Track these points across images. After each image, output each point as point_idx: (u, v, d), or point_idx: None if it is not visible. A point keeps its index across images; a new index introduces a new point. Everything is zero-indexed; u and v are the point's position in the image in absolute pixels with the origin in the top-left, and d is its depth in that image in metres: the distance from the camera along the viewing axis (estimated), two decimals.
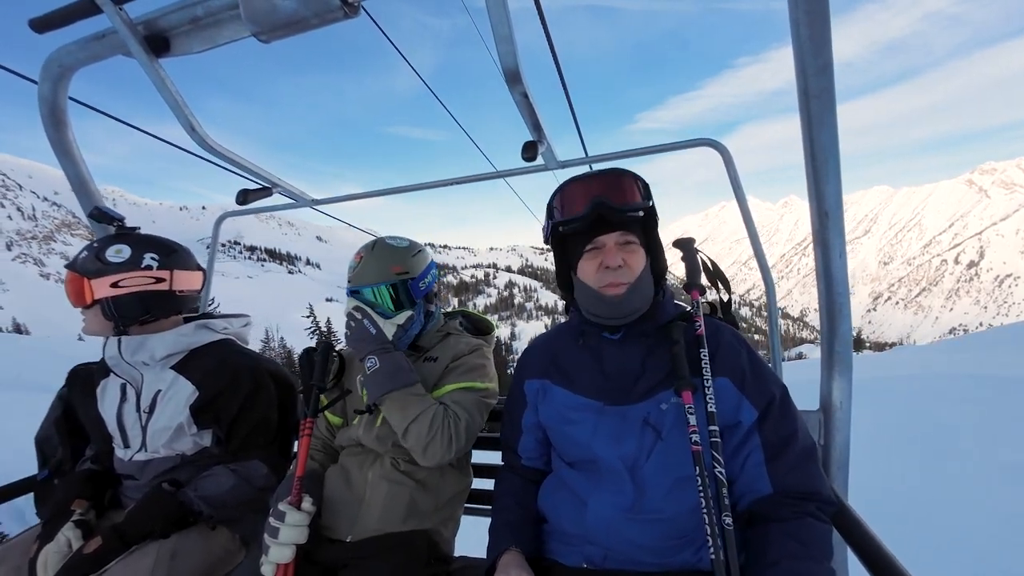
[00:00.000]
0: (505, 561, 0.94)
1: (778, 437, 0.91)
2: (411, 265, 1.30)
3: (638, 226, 1.01)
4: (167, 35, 1.08)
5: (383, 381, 1.16)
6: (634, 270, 0.98)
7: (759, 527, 0.88)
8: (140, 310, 1.30)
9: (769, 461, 0.91)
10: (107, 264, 1.26)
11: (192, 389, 1.31)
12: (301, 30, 1.00)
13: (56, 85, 1.27)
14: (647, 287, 1.00)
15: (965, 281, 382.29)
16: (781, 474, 0.89)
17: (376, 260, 1.29)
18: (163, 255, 1.33)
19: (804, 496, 0.88)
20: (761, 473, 0.90)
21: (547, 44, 1.83)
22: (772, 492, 0.89)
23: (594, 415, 1.00)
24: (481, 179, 1.54)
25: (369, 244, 1.34)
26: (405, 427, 1.14)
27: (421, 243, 1.41)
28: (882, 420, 4.53)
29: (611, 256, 0.97)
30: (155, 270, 1.31)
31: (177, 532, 1.23)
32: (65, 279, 1.31)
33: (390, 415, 1.18)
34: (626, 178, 1.00)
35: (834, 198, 0.97)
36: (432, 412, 1.15)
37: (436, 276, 1.40)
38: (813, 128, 0.91)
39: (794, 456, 0.90)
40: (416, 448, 1.14)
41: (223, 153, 1.32)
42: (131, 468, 1.32)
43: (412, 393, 1.17)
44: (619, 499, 0.93)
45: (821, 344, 1.13)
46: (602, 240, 0.99)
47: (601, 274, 0.99)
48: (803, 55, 0.85)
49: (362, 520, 1.18)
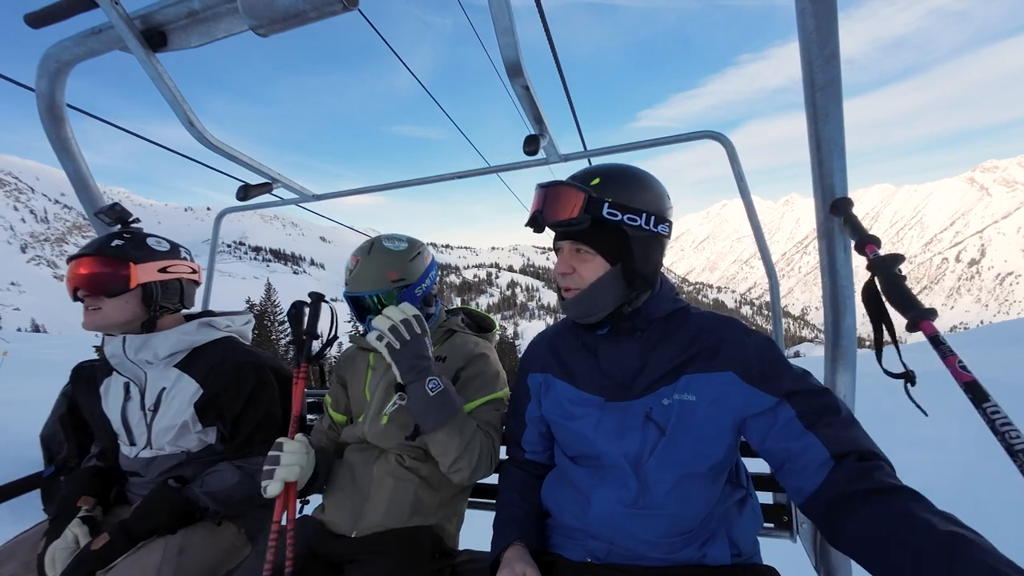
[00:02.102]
0: (509, 555, 0.94)
1: (812, 408, 0.85)
2: (409, 271, 1.25)
3: (597, 236, 0.96)
4: (164, 29, 1.06)
5: (441, 408, 1.07)
6: (584, 278, 0.98)
7: (842, 505, 0.76)
8: (176, 298, 1.37)
9: (810, 428, 0.83)
10: (154, 251, 1.32)
11: (196, 387, 1.31)
12: (299, 23, 0.99)
13: (53, 81, 1.26)
14: (603, 293, 0.97)
15: (966, 279, 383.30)
16: (831, 436, 0.82)
17: (372, 265, 1.23)
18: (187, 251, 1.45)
19: (860, 454, 0.79)
20: (810, 440, 0.82)
21: (546, 38, 1.81)
22: (830, 455, 0.80)
23: (596, 410, 1.00)
24: (478, 174, 1.53)
25: (366, 246, 1.28)
26: (457, 456, 1.08)
27: (421, 241, 1.34)
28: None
29: (561, 263, 1.01)
30: (190, 261, 1.43)
31: (183, 528, 1.24)
32: (82, 264, 1.25)
33: (441, 444, 1.08)
34: (563, 192, 0.95)
35: (840, 191, 0.95)
36: (480, 438, 1.13)
37: (436, 275, 1.35)
38: (819, 120, 0.90)
39: (838, 422, 0.83)
40: (463, 473, 1.10)
41: (222, 149, 1.31)
42: (136, 465, 1.33)
43: (463, 420, 1.11)
44: (622, 494, 0.93)
45: (825, 338, 1.12)
46: (560, 244, 1.02)
47: (558, 277, 1.02)
48: (809, 45, 0.84)
49: (367, 515, 1.18)
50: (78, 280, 1.23)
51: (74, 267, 1.25)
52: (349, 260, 1.29)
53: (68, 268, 1.27)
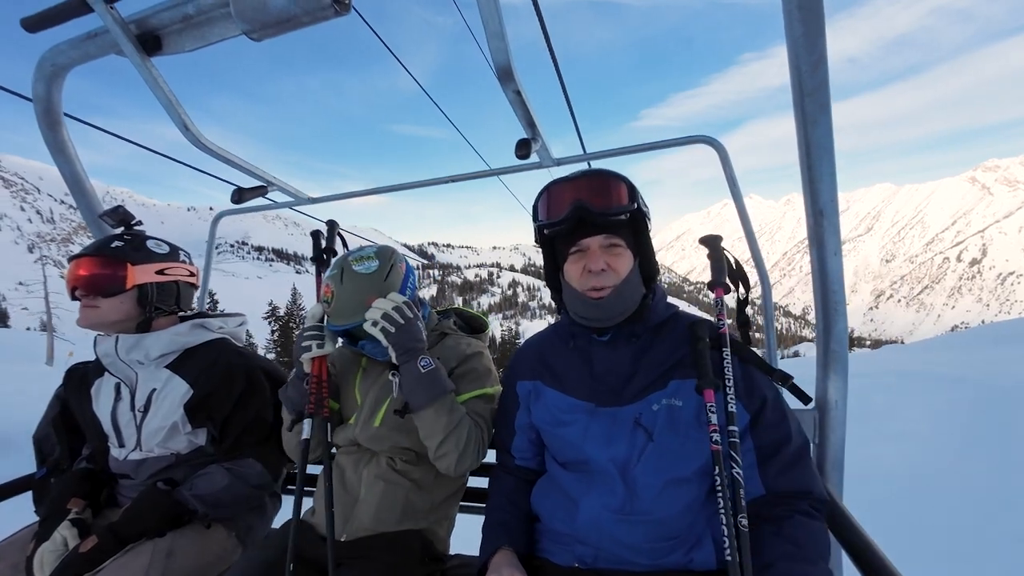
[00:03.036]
0: (497, 560, 0.94)
1: (770, 440, 0.92)
2: (386, 290, 1.19)
3: (625, 228, 0.99)
4: (159, 33, 1.07)
5: (431, 385, 1.09)
6: (619, 273, 0.97)
7: (753, 529, 0.87)
8: (172, 300, 1.38)
9: (761, 464, 0.91)
10: (152, 253, 1.34)
11: (186, 388, 1.31)
12: (292, 28, 0.99)
13: (50, 85, 1.27)
14: (634, 290, 0.99)
15: (967, 279, 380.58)
16: (772, 475, 0.90)
17: (347, 295, 1.17)
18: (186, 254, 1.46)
19: (796, 495, 0.88)
20: (753, 475, 0.90)
21: (543, 38, 1.82)
22: (764, 493, 0.90)
23: (585, 416, 1.00)
24: (475, 177, 1.54)
25: (336, 273, 1.21)
26: (443, 437, 1.09)
27: (390, 248, 1.28)
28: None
29: (594, 259, 0.96)
30: (188, 264, 1.44)
31: (172, 531, 1.23)
32: (81, 264, 1.26)
33: (423, 424, 1.11)
34: (611, 180, 0.97)
35: (828, 196, 0.96)
36: (468, 423, 1.14)
37: (415, 283, 1.30)
38: (807, 125, 0.90)
39: (786, 457, 0.90)
40: (450, 457, 1.10)
41: (216, 152, 1.32)
42: (126, 467, 1.33)
43: (450, 402, 1.12)
44: (610, 500, 0.93)
45: (817, 342, 1.12)
46: (586, 243, 0.98)
47: (585, 278, 0.98)
48: (797, 50, 0.84)
49: (357, 519, 1.17)
50: (76, 280, 1.26)
51: (74, 267, 1.27)
52: (323, 287, 1.25)
53: (68, 268, 1.29)
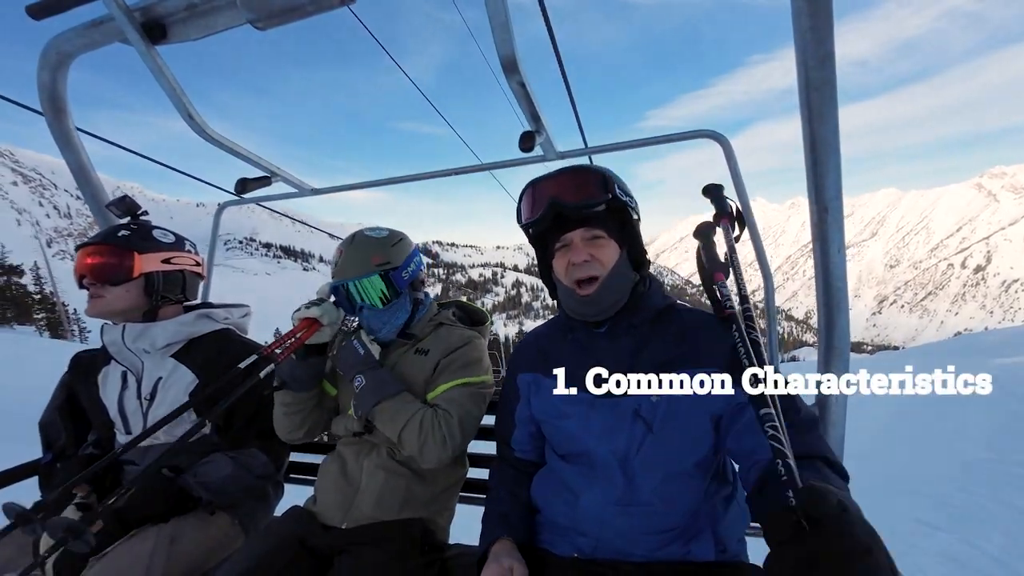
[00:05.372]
0: (496, 549, 0.95)
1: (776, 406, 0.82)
2: (392, 255, 1.27)
3: (607, 220, 1.00)
4: (164, 22, 1.07)
5: (368, 396, 1.19)
6: (604, 264, 0.98)
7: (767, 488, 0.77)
8: (178, 289, 1.40)
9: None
10: (158, 242, 1.35)
11: (192, 377, 1.33)
12: (297, 17, 1.00)
13: (55, 73, 1.27)
14: (622, 278, 1.00)
15: (971, 285, 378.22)
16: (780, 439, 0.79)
17: (356, 253, 1.26)
18: (191, 244, 1.46)
19: (810, 457, 0.78)
20: (761, 440, 0.79)
21: (547, 32, 1.81)
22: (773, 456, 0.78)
23: (585, 408, 1.00)
24: (476, 170, 1.54)
25: (348, 238, 1.31)
26: (398, 435, 1.16)
27: (402, 232, 1.37)
28: None
29: (576, 252, 0.99)
30: (194, 254, 1.45)
31: (176, 517, 1.25)
32: (89, 253, 1.28)
33: (383, 427, 1.20)
34: (584, 174, 0.99)
35: (834, 192, 0.95)
36: (420, 415, 1.16)
37: (421, 263, 1.37)
38: (813, 121, 0.89)
39: (795, 423, 0.81)
40: (413, 452, 1.16)
41: (221, 141, 1.32)
42: (132, 454, 1.34)
43: (400, 401, 1.18)
44: (609, 491, 0.94)
45: (819, 339, 1.12)
46: (568, 237, 1.01)
47: (571, 271, 1.00)
48: (804, 45, 0.83)
49: (357, 507, 1.19)
50: (84, 268, 1.27)
51: (81, 256, 1.29)
52: (334, 253, 1.32)
53: (76, 257, 1.30)
